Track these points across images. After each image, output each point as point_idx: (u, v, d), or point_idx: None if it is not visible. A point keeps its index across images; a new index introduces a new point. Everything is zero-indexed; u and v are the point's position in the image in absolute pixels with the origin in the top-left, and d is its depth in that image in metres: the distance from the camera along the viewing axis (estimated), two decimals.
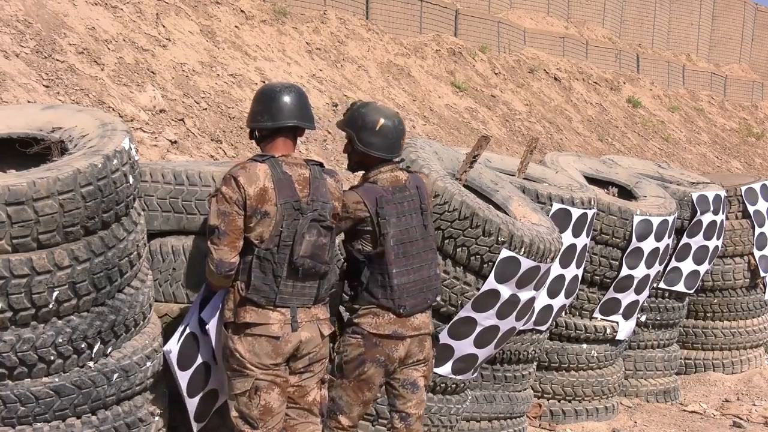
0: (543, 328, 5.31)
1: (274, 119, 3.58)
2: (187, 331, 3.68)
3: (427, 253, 3.91)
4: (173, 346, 3.64)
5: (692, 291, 6.87)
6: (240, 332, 3.51)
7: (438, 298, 4.15)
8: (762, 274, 7.53)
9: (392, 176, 3.89)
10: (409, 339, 3.84)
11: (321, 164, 3.68)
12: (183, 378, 3.71)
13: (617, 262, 5.83)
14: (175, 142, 7.15)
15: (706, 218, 6.66)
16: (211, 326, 3.69)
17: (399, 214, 3.84)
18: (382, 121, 3.90)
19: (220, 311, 3.65)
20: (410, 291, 3.83)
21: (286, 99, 3.58)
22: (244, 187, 3.44)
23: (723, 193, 6.90)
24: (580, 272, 5.45)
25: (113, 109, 6.93)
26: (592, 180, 6.43)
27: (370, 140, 3.86)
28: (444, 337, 4.49)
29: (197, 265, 4.11)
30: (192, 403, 3.79)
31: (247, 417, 3.52)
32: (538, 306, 5.07)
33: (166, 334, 3.83)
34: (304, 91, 3.73)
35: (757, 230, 7.46)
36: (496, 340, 4.68)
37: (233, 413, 3.56)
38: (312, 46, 11.33)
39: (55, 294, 3.24)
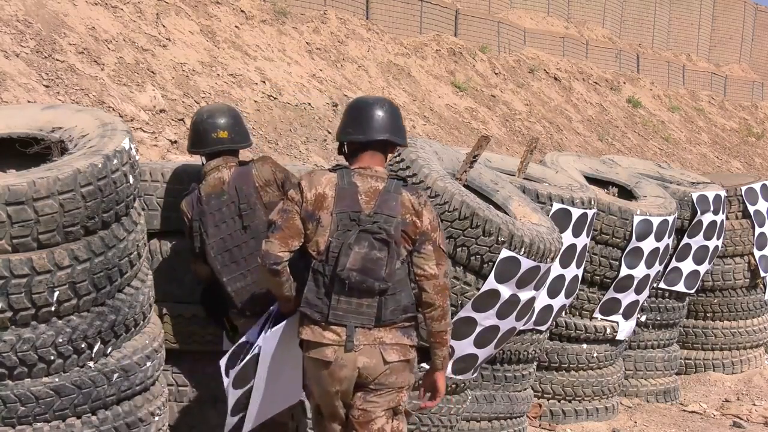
0: (543, 328, 5.30)
1: (365, 133, 3.39)
2: (254, 351, 3.54)
3: None
4: (226, 360, 3.57)
5: (692, 291, 6.87)
6: (304, 351, 3.36)
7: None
8: (762, 274, 7.52)
9: (214, 179, 3.92)
10: None
11: (404, 180, 3.45)
12: (232, 396, 3.61)
13: (617, 262, 5.83)
14: (175, 142, 7.15)
15: (707, 218, 6.66)
16: (265, 349, 3.53)
17: (218, 223, 3.88)
18: (194, 118, 4.03)
19: (288, 326, 3.53)
20: (250, 291, 3.85)
21: (379, 113, 3.41)
22: (304, 191, 3.30)
23: (723, 193, 6.90)
24: (580, 272, 5.45)
25: (113, 109, 6.93)
26: (592, 180, 6.43)
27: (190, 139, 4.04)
28: None
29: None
30: (230, 423, 3.70)
31: None
32: (538, 306, 5.07)
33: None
34: (397, 106, 3.58)
35: (757, 230, 7.45)
36: (496, 340, 4.68)
37: (309, 425, 3.53)
38: (312, 46, 11.33)
39: (55, 294, 3.24)
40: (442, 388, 3.49)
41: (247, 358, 3.55)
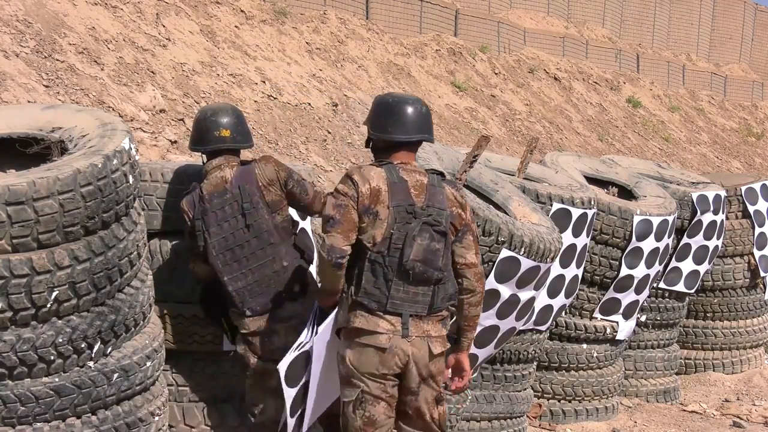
0: (543, 328, 5.30)
1: (408, 133, 3.53)
2: (303, 349, 3.61)
3: (264, 249, 3.89)
4: (284, 362, 3.60)
5: (692, 291, 6.87)
6: (350, 339, 3.46)
7: (296, 288, 3.96)
8: (762, 274, 7.52)
9: (217, 177, 3.91)
10: (283, 330, 3.90)
11: (442, 174, 3.64)
12: (289, 396, 3.68)
13: (617, 262, 5.83)
14: (175, 142, 7.15)
15: (706, 218, 6.66)
16: (318, 348, 3.62)
17: (220, 221, 3.87)
18: (197, 116, 4.06)
19: (333, 322, 3.61)
20: (253, 292, 3.87)
21: (418, 112, 3.56)
22: (358, 184, 3.42)
23: (723, 193, 6.90)
24: (580, 272, 5.45)
25: (113, 109, 6.93)
26: (592, 180, 6.43)
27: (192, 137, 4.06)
28: None
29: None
30: (291, 424, 3.76)
31: (349, 427, 3.51)
32: (538, 306, 5.07)
33: None
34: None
35: (757, 230, 7.45)
36: (496, 340, 4.68)
37: (342, 420, 3.55)
38: (312, 46, 11.32)
39: (54, 294, 3.24)
40: (468, 367, 3.69)
41: (296, 354, 3.61)
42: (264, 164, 3.95)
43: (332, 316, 3.60)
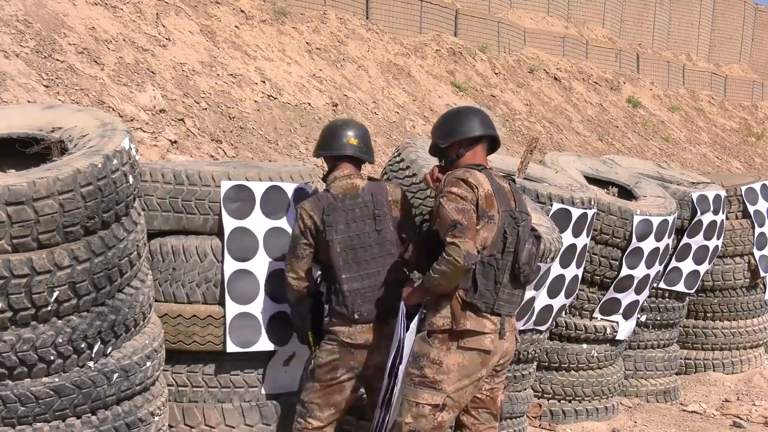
0: (543, 328, 5.30)
1: (486, 129, 3.74)
2: (403, 349, 3.65)
3: (384, 258, 3.92)
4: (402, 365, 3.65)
5: (692, 291, 6.87)
6: (454, 340, 3.52)
7: (398, 304, 3.89)
8: (762, 274, 7.51)
9: (347, 183, 3.96)
10: (383, 346, 3.85)
11: (513, 179, 3.79)
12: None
13: (617, 262, 5.82)
14: (175, 142, 7.15)
15: (706, 218, 6.65)
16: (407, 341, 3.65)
17: (348, 221, 3.90)
18: (328, 124, 4.20)
19: (416, 323, 3.65)
20: (365, 296, 3.87)
21: (480, 112, 3.79)
22: (477, 188, 3.50)
23: (723, 193, 6.89)
24: (580, 272, 5.44)
25: (113, 109, 6.93)
26: (592, 180, 6.42)
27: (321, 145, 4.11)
28: None
29: (197, 265, 4.11)
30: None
31: (419, 428, 3.55)
32: (538, 306, 5.07)
33: None
34: None
35: (757, 230, 7.45)
36: None
37: (407, 419, 3.56)
38: (312, 46, 11.33)
39: (55, 294, 3.24)
40: None
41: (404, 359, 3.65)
42: (394, 187, 4.08)
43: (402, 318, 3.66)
